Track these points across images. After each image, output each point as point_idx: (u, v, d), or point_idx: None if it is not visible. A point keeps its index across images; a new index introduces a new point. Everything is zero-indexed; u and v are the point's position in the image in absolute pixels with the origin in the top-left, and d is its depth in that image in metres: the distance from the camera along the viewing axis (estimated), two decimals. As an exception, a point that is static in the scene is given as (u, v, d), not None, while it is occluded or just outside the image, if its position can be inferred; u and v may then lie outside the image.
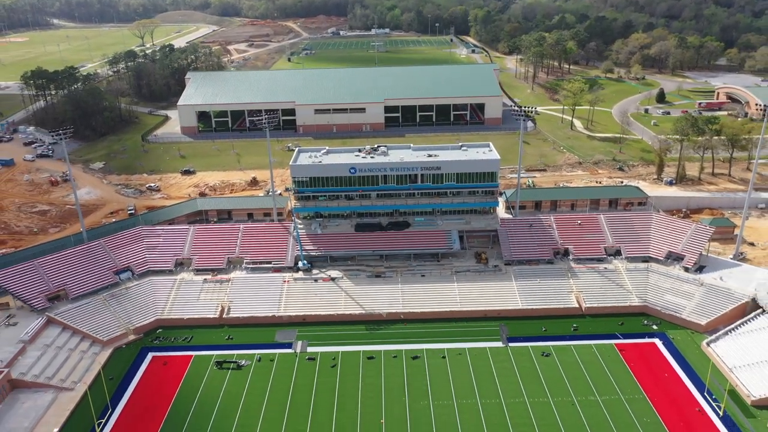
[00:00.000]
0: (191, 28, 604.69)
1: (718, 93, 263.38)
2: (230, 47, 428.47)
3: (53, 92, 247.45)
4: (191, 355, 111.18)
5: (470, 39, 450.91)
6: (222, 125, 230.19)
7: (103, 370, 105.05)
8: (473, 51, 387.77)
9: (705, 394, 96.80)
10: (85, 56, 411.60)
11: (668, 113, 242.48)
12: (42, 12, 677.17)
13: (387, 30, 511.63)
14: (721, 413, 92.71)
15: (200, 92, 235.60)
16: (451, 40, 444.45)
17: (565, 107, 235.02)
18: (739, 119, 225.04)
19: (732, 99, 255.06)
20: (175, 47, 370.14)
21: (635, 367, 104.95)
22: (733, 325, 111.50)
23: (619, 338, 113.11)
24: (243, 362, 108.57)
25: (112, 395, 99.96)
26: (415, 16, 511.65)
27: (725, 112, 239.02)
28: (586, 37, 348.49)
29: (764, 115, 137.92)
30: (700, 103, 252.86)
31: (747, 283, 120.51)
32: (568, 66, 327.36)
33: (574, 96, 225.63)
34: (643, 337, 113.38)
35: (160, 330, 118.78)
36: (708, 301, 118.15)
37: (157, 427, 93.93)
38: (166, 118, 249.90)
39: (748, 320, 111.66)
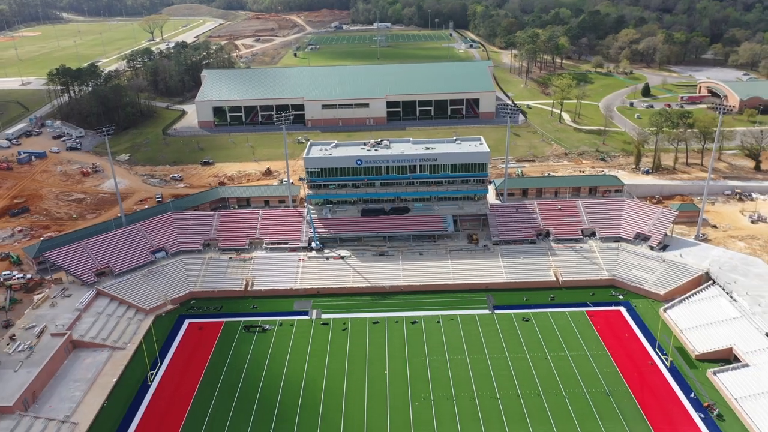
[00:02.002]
0: (198, 22, 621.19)
1: (700, 87, 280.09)
2: (238, 42, 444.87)
3: (78, 88, 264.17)
4: (222, 321, 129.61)
5: (469, 33, 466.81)
6: (236, 119, 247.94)
7: (148, 334, 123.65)
8: (471, 46, 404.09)
9: (656, 349, 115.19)
10: (98, 51, 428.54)
11: (652, 106, 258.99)
12: (52, 6, 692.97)
13: (388, 24, 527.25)
14: (668, 365, 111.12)
15: (215, 89, 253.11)
16: (451, 35, 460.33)
17: (555, 101, 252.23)
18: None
19: (712, 93, 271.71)
20: (182, 42, 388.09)
21: (601, 329, 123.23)
22: (687, 295, 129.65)
23: (589, 306, 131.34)
24: (267, 326, 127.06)
25: (157, 353, 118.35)
26: (416, 11, 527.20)
27: (705, 106, 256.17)
28: (579, 32, 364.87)
29: (720, 113, 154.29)
30: (682, 97, 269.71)
31: (703, 259, 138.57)
32: (560, 61, 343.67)
33: (562, 91, 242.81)
34: (610, 305, 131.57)
35: (193, 301, 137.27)
36: (668, 275, 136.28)
37: (198, 377, 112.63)
38: (183, 113, 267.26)
39: (700, 290, 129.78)
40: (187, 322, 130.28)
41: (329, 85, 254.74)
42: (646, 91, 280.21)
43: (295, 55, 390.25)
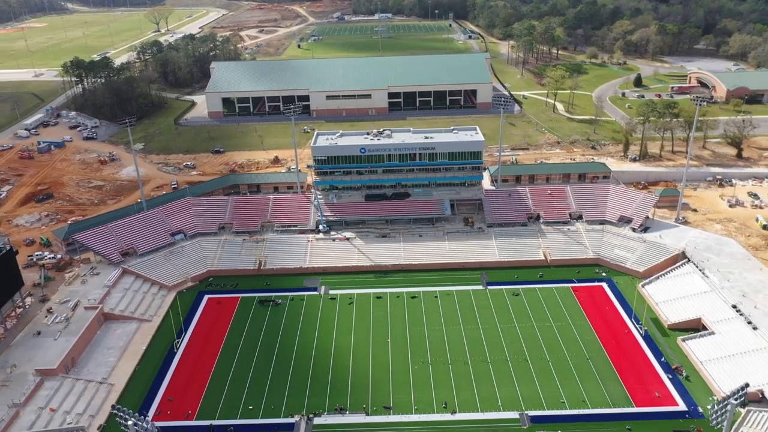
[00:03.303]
0: (201, 12, 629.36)
1: (690, 78, 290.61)
2: (242, 33, 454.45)
3: (93, 80, 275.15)
4: (238, 297, 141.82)
5: (469, 24, 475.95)
6: (244, 110, 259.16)
7: (171, 308, 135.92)
8: (470, 37, 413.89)
9: (632, 320, 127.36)
10: (106, 42, 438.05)
11: (643, 96, 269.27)
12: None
13: (389, 15, 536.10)
14: (642, 333, 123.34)
15: (224, 80, 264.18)
16: (450, 26, 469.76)
17: (549, 92, 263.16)
18: (704, 102, 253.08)
19: (702, 83, 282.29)
20: (190, 34, 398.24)
21: (584, 303, 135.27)
22: (663, 272, 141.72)
23: (574, 283, 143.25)
24: (279, 301, 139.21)
25: (181, 324, 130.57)
26: (416, 1, 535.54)
27: (694, 95, 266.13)
28: (576, 23, 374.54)
29: (697, 105, 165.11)
30: (672, 87, 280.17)
31: (680, 240, 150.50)
32: (556, 51, 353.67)
33: (556, 82, 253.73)
34: (594, 282, 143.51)
35: (211, 278, 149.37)
36: (647, 254, 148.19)
37: (219, 344, 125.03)
38: (193, 104, 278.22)
39: (676, 268, 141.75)
40: (206, 297, 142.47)
41: (333, 77, 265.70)
42: (638, 82, 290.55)
43: (299, 46, 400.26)
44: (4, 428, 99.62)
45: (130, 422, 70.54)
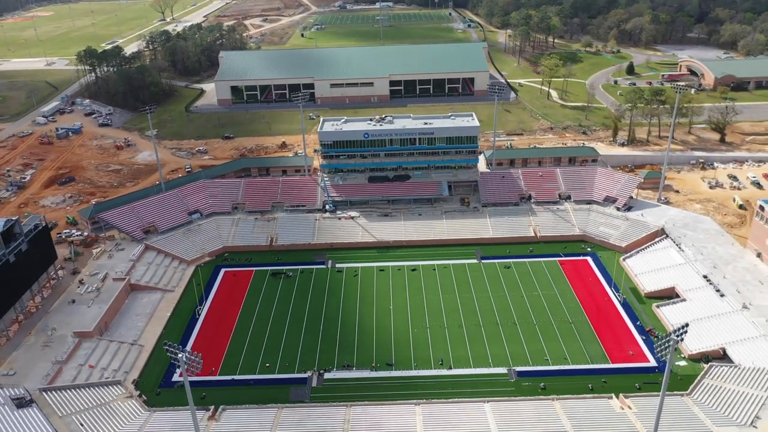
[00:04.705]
0: (205, 1, 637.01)
1: (681, 66, 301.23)
2: (246, 22, 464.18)
3: (105, 69, 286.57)
4: (252, 270, 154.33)
5: (468, 13, 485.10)
6: (252, 97, 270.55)
7: (191, 279, 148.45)
8: (469, 26, 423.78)
9: (612, 289, 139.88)
10: (114, 31, 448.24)
11: (634, 84, 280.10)
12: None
13: (390, 3, 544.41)
14: (621, 300, 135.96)
15: (232, 69, 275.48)
16: (450, 14, 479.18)
17: (543, 80, 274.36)
18: (693, 90, 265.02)
19: (691, 72, 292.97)
20: (197, 24, 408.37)
21: (570, 274, 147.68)
22: (643, 246, 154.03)
23: (561, 257, 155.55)
24: (290, 273, 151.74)
25: (202, 293, 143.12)
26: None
27: (683, 83, 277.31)
28: (572, 12, 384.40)
29: (678, 92, 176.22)
30: (663, 75, 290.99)
31: (660, 218, 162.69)
32: (553, 40, 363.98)
33: (550, 70, 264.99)
34: (579, 256, 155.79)
35: (226, 254, 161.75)
36: (629, 231, 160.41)
37: (237, 311, 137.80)
38: (202, 92, 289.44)
39: (655, 243, 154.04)
40: (222, 270, 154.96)
41: (337, 66, 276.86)
42: (631, 70, 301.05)
43: (302, 35, 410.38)
44: (50, 381, 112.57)
45: (180, 354, 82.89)
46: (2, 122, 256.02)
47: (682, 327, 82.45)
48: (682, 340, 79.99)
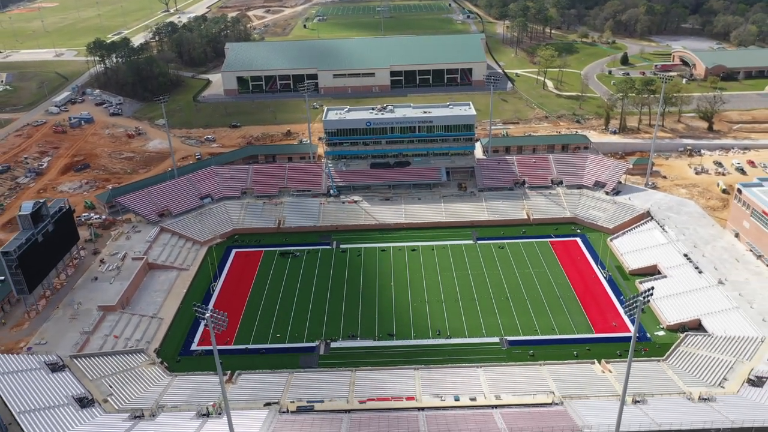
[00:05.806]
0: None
1: (674, 56, 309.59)
2: (249, 13, 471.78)
3: (116, 59, 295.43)
4: (262, 251, 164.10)
5: (467, 3, 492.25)
6: (257, 87, 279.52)
7: (205, 259, 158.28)
8: (468, 17, 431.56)
9: (599, 266, 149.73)
10: (119, 22, 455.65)
11: (628, 74, 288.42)
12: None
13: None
14: (606, 277, 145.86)
15: (238, 60, 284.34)
16: (449, 5, 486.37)
17: (540, 70, 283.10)
18: (684, 80, 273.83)
19: (684, 62, 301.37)
20: (202, 15, 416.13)
21: (560, 254, 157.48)
22: (629, 228, 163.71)
23: (552, 238, 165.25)
24: (297, 254, 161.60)
25: (215, 271, 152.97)
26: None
27: (675, 73, 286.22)
28: (569, 3, 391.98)
29: (663, 82, 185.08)
30: (656, 65, 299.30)
31: (646, 201, 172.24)
32: (550, 31, 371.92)
33: (545, 61, 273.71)
34: (569, 237, 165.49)
35: (237, 236, 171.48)
36: (617, 213, 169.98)
37: (248, 288, 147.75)
38: (209, 82, 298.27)
39: (640, 225, 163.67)
40: (234, 251, 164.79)
41: (339, 57, 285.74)
42: (625, 60, 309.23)
43: (305, 26, 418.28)
44: (80, 348, 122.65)
45: (207, 314, 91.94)
46: (16, 112, 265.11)
47: (649, 289, 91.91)
48: (648, 301, 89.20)
